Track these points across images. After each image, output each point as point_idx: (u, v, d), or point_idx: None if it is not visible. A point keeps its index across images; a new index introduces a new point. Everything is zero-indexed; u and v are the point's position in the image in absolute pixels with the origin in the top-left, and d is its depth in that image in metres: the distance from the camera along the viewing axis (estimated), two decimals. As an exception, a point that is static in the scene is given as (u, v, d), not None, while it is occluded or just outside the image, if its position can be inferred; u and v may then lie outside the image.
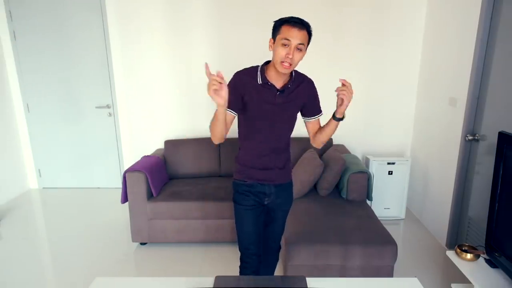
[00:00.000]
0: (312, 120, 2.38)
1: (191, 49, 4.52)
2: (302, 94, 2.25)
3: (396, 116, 4.62)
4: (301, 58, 2.07)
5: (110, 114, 5.01)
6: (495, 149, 2.46)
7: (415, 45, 4.38)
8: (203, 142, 4.36)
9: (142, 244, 3.87)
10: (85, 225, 4.30)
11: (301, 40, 2.00)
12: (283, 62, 2.02)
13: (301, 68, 2.26)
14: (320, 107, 2.41)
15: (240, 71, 2.23)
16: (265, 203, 2.41)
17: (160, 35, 4.50)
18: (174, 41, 4.51)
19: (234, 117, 2.21)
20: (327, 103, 2.57)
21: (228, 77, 2.22)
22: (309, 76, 2.34)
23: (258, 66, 2.21)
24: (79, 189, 5.34)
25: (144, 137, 4.85)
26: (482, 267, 2.51)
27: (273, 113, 2.20)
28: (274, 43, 2.07)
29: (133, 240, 3.78)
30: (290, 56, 2.00)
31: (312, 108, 2.35)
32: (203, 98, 4.63)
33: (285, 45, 2.00)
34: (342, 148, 4.40)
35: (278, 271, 3.26)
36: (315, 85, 2.36)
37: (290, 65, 2.03)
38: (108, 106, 4.99)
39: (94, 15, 4.65)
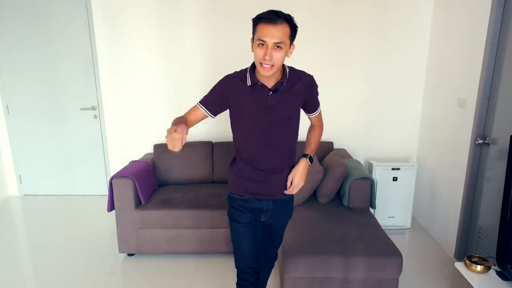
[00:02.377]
0: (311, 116, 2.40)
1: (183, 47, 4.51)
2: (300, 92, 2.16)
3: (401, 118, 4.62)
4: (283, 57, 1.99)
5: (95, 117, 4.99)
6: (507, 154, 2.45)
7: (421, 43, 4.38)
8: (195, 146, 4.35)
9: (129, 255, 3.84)
10: (69, 235, 4.27)
11: (278, 38, 1.92)
12: (261, 63, 1.97)
13: (302, 68, 2.24)
14: (317, 104, 2.35)
15: (230, 74, 2.20)
16: (262, 220, 2.37)
17: (149, 32, 4.49)
18: (165, 38, 4.50)
19: (205, 117, 2.21)
20: (326, 103, 2.53)
21: (221, 75, 2.23)
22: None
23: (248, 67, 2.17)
24: (62, 196, 5.30)
25: (132, 141, 4.83)
26: (493, 280, 2.50)
27: (267, 116, 2.13)
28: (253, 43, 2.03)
29: (120, 251, 3.76)
30: (267, 57, 1.92)
31: (310, 103, 2.29)
32: (195, 99, 4.60)
33: (261, 45, 1.95)
34: (343, 153, 4.39)
35: (275, 285, 3.24)
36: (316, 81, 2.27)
37: (272, 66, 1.97)
38: (93, 108, 4.96)
39: (78, 9, 4.63)
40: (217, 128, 4.63)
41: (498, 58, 3.18)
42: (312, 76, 2.23)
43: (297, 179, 2.27)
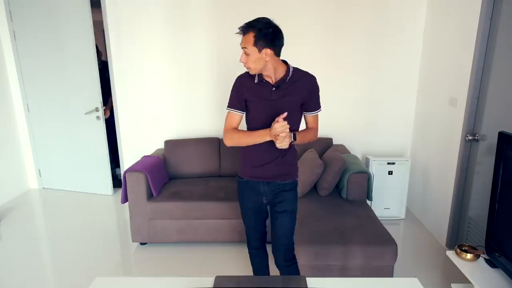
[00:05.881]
0: (308, 115, 2.45)
1: (192, 47, 4.51)
2: (300, 89, 2.30)
3: (396, 116, 4.62)
4: (252, 59, 2.20)
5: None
6: (495, 149, 2.46)
7: (415, 45, 4.38)
8: (203, 142, 4.37)
9: (142, 244, 3.87)
10: (85, 225, 4.30)
11: (244, 44, 2.21)
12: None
13: (300, 67, 2.32)
14: (317, 104, 2.43)
15: (241, 74, 2.42)
16: (264, 202, 2.52)
17: (160, 32, 4.49)
18: (175, 38, 4.50)
19: (242, 116, 2.44)
20: (326, 101, 2.55)
21: (228, 74, 2.36)
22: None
23: None
24: (75, 192, 5.30)
25: (144, 137, 4.84)
26: (482, 267, 2.51)
27: (270, 109, 2.29)
28: None
29: (133, 240, 3.78)
30: (241, 60, 2.25)
31: (309, 103, 2.38)
32: (203, 98, 4.63)
33: None
34: (342, 148, 4.40)
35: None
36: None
37: (249, 68, 2.26)
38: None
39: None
40: (223, 124, 4.63)
41: (487, 59, 3.19)
42: (314, 77, 2.36)
43: (281, 126, 2.13)
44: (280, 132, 2.13)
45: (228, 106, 2.43)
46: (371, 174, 3.91)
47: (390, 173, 4.26)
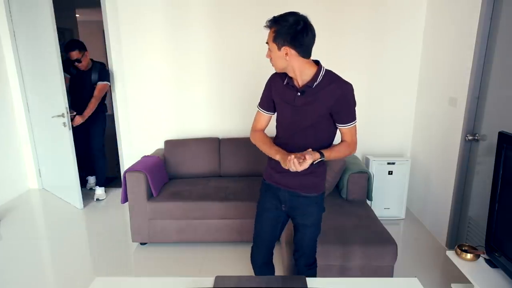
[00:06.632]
0: (340, 127, 2.17)
1: (192, 46, 4.50)
2: (326, 97, 2.05)
3: (396, 116, 4.62)
4: (274, 57, 2.05)
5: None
6: (495, 149, 2.46)
7: (415, 45, 4.38)
8: (203, 142, 4.37)
9: (142, 244, 3.87)
10: (85, 225, 4.30)
11: (267, 39, 2.04)
12: None
13: None
14: (350, 116, 2.13)
15: (276, 72, 2.23)
16: (283, 209, 2.35)
17: (160, 32, 4.48)
18: (175, 38, 4.49)
19: (271, 116, 2.32)
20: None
21: (228, 74, 2.25)
22: None
23: None
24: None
25: (144, 137, 4.84)
26: (482, 267, 2.51)
27: (294, 115, 2.13)
28: None
29: (133, 240, 3.78)
30: (266, 56, 2.09)
31: (338, 114, 2.11)
32: (204, 98, 4.62)
33: None
34: (342, 148, 4.39)
35: (278, 271, 3.26)
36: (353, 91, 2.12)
37: (273, 65, 2.11)
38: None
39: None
40: (223, 125, 4.65)
41: (487, 59, 3.19)
42: (348, 85, 2.10)
43: (305, 162, 1.90)
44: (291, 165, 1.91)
45: (258, 105, 2.33)
46: (371, 174, 3.91)
47: (390, 173, 4.26)
